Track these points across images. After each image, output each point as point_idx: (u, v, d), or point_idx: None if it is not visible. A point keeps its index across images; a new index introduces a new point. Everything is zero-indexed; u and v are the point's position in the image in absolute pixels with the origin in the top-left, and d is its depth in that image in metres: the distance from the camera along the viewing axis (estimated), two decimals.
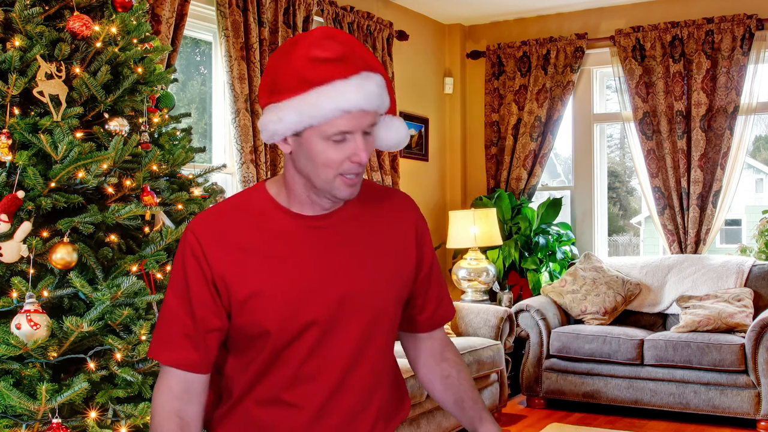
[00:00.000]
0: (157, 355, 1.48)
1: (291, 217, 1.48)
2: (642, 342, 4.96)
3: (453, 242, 5.74)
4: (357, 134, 1.39)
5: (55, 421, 2.04)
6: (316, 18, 5.12)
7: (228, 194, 4.41)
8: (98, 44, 2.43)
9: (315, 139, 1.38)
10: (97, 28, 2.42)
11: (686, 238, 5.70)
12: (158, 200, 2.49)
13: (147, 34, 2.67)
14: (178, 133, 2.80)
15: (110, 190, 2.38)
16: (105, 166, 2.30)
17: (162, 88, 2.85)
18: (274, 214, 1.49)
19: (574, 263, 5.82)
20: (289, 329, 1.46)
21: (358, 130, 1.39)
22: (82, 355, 2.19)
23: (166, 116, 2.76)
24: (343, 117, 1.36)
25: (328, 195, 1.45)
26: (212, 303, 1.45)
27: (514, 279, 6.06)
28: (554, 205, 6.12)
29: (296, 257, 1.47)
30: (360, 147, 1.40)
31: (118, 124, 2.44)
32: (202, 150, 2.96)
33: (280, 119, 1.38)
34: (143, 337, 2.21)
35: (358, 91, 1.36)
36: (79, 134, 2.35)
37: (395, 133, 1.50)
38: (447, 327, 5.02)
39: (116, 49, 2.48)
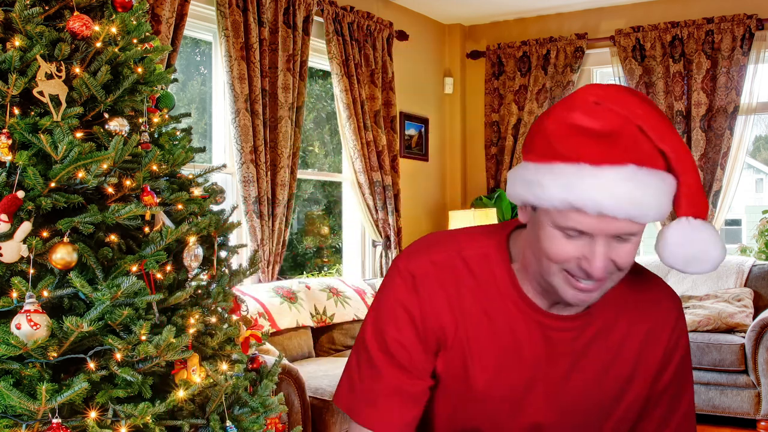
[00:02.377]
0: (357, 414, 1.19)
1: (525, 306, 1.19)
2: None
3: None
4: (599, 238, 1.04)
5: (55, 421, 2.04)
6: (316, 18, 5.12)
7: (228, 194, 4.42)
8: (98, 44, 2.43)
9: (545, 224, 1.07)
10: (97, 28, 2.42)
11: None
12: (158, 200, 2.49)
13: (147, 34, 2.67)
14: (178, 133, 2.80)
15: (110, 190, 2.38)
16: (105, 166, 2.30)
17: (162, 88, 2.85)
18: (507, 292, 1.19)
19: None
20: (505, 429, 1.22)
21: (600, 234, 1.03)
22: (82, 355, 2.19)
23: (166, 116, 2.76)
24: (578, 213, 1.02)
25: (552, 292, 1.14)
26: (423, 353, 1.19)
27: None
28: None
29: (521, 352, 1.20)
30: (596, 255, 1.04)
31: (118, 124, 2.44)
32: (202, 150, 2.96)
33: (514, 181, 1.10)
34: (143, 337, 2.21)
35: (605, 193, 0.99)
36: (79, 134, 2.35)
37: (689, 255, 1.07)
38: None
39: (116, 49, 2.48)
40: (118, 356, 2.19)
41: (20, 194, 2.17)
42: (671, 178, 1.04)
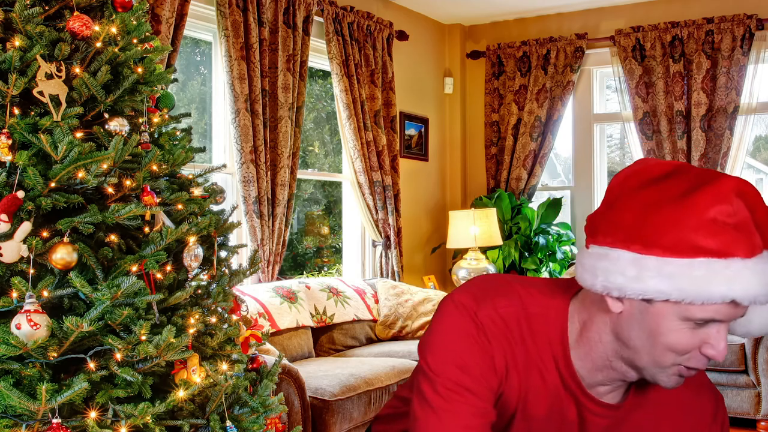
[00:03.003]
0: None
1: (570, 380, 1.19)
2: None
3: (453, 242, 5.74)
4: (724, 324, 1.06)
5: (55, 421, 2.04)
6: (316, 18, 5.12)
7: (228, 194, 4.42)
8: (98, 44, 2.43)
9: (670, 316, 1.06)
10: (97, 28, 2.42)
11: None
12: (158, 200, 2.49)
13: (147, 34, 2.67)
14: (178, 133, 2.80)
15: (110, 190, 2.38)
16: (105, 166, 2.30)
17: (162, 88, 2.85)
18: (556, 360, 1.18)
19: (574, 263, 5.82)
20: None
21: (729, 320, 1.06)
22: (82, 355, 2.19)
23: (166, 116, 2.76)
24: (723, 305, 1.03)
25: (646, 376, 1.13)
26: (490, 391, 1.17)
27: None
28: (554, 205, 6.12)
29: (554, 425, 1.20)
30: (719, 340, 1.06)
31: (118, 124, 2.44)
32: (202, 150, 2.96)
33: (640, 279, 1.04)
34: (143, 337, 2.21)
35: (759, 280, 1.01)
36: (79, 134, 2.35)
37: (763, 318, 1.15)
38: None
39: (116, 49, 2.48)
40: (118, 356, 2.19)
41: (20, 194, 2.17)
42: None
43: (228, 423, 2.46)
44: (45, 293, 2.17)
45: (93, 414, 2.12)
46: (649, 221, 1.04)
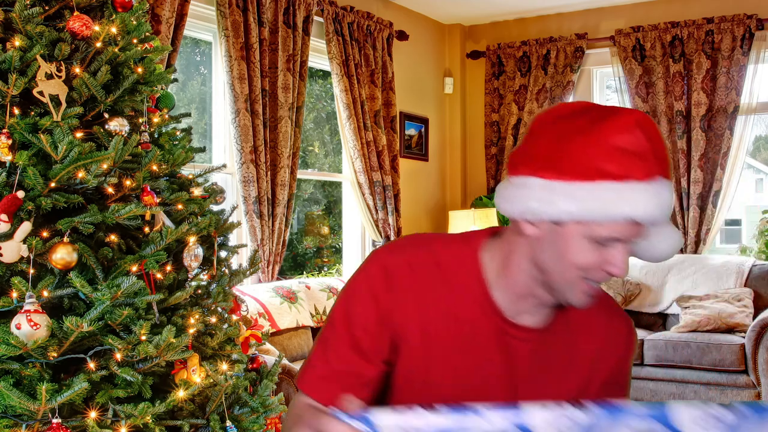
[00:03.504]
0: (312, 390, 1.29)
1: (492, 313, 1.28)
2: (642, 342, 4.96)
3: None
4: (624, 244, 1.18)
5: (55, 421, 2.04)
6: (316, 18, 5.12)
7: (228, 194, 4.42)
8: (98, 44, 2.43)
9: (577, 236, 1.17)
10: (97, 28, 2.42)
11: (686, 238, 5.70)
12: (158, 200, 2.49)
13: (147, 34, 2.67)
14: (178, 133, 2.80)
15: (110, 190, 2.38)
16: (105, 166, 2.30)
17: (162, 88, 2.85)
18: (476, 299, 1.28)
19: None
20: None
21: (629, 240, 1.18)
22: (82, 355, 2.19)
23: (166, 116, 2.76)
24: (625, 224, 1.15)
25: (559, 297, 1.24)
26: (378, 344, 1.27)
27: None
28: None
29: (481, 357, 1.28)
30: (621, 259, 1.18)
31: (118, 124, 2.44)
32: (202, 150, 2.96)
33: (552, 202, 1.16)
34: (143, 337, 2.21)
35: (656, 203, 1.14)
36: (79, 134, 2.35)
37: (666, 245, 1.25)
38: None
39: (116, 49, 2.48)
40: (118, 356, 2.19)
41: (20, 194, 2.17)
42: (671, 185, 1.20)
43: (228, 423, 2.46)
44: (45, 293, 2.17)
45: (93, 414, 2.12)
46: (559, 151, 1.16)
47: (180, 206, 2.59)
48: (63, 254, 2.16)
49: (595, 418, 1.07)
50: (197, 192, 2.73)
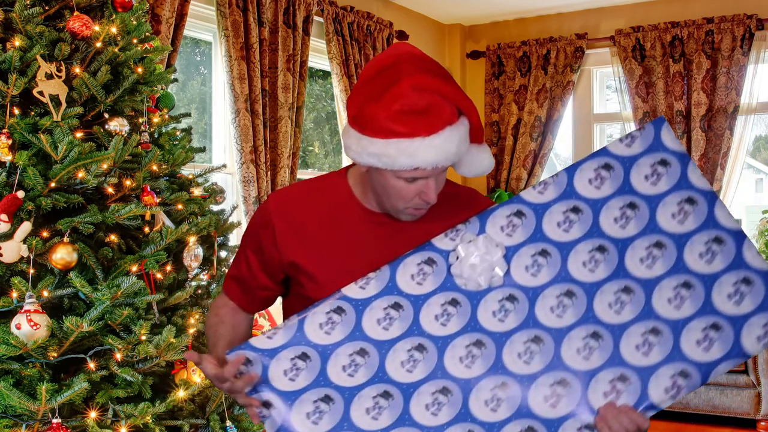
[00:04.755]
0: (224, 286, 1.69)
1: (362, 211, 1.56)
2: None
3: None
4: (431, 179, 1.44)
5: (55, 421, 2.04)
6: (316, 18, 5.12)
7: (228, 194, 4.42)
8: (98, 44, 2.43)
9: (390, 176, 1.44)
10: (97, 28, 2.42)
11: None
12: (158, 200, 2.49)
13: (147, 34, 2.67)
14: (178, 133, 2.80)
15: (110, 190, 2.38)
16: (105, 166, 2.30)
17: (162, 88, 2.85)
18: (348, 205, 1.57)
19: None
20: None
21: (432, 176, 1.44)
22: (82, 355, 2.19)
23: (166, 116, 2.76)
24: (417, 170, 1.41)
25: (395, 216, 1.53)
26: (266, 266, 1.59)
27: None
28: None
29: (359, 248, 1.54)
30: (431, 188, 1.45)
31: (118, 124, 2.44)
32: (202, 150, 2.96)
33: (360, 153, 1.44)
34: (143, 337, 2.21)
35: (437, 152, 1.40)
36: (79, 134, 2.35)
37: (478, 166, 1.54)
38: None
39: (116, 49, 2.48)
40: (118, 356, 2.19)
41: (20, 194, 2.17)
42: (465, 121, 1.46)
43: (228, 423, 2.46)
44: (45, 293, 2.17)
45: (93, 414, 2.12)
46: (363, 110, 1.43)
47: (180, 206, 2.59)
48: (63, 254, 2.17)
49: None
50: (197, 192, 2.73)
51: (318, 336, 1.42)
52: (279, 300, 1.79)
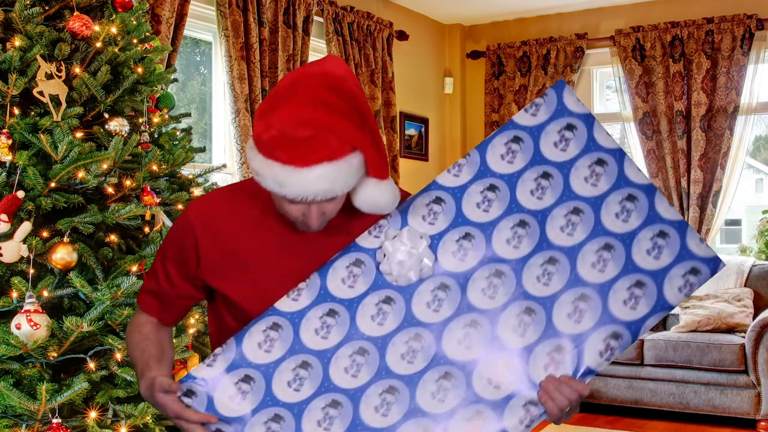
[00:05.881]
0: (139, 300, 1.64)
1: (285, 223, 1.52)
2: (642, 342, 4.96)
3: None
4: (314, 204, 1.39)
5: (55, 421, 2.04)
6: (316, 18, 5.12)
7: None
8: (98, 44, 2.43)
9: (276, 195, 1.40)
10: (97, 28, 2.42)
11: None
12: (158, 200, 2.49)
13: (147, 34, 2.67)
14: (178, 133, 2.80)
15: (110, 190, 2.38)
16: (105, 166, 2.30)
17: (162, 88, 2.85)
18: (272, 210, 1.52)
19: None
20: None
21: (313, 204, 1.39)
22: (82, 355, 2.19)
23: (166, 116, 2.76)
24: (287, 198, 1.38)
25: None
26: (184, 274, 1.55)
27: None
28: None
29: (282, 252, 1.51)
30: (311, 216, 1.41)
31: (118, 124, 2.44)
32: (202, 150, 2.96)
33: (250, 158, 1.40)
34: None
35: (305, 186, 1.34)
36: (79, 134, 2.35)
37: (372, 202, 1.45)
38: None
39: (116, 49, 2.48)
40: (118, 356, 2.19)
41: (20, 194, 2.17)
42: (359, 155, 1.37)
43: None
44: (45, 293, 2.17)
45: (93, 414, 2.12)
46: (256, 126, 1.38)
47: (180, 206, 2.59)
48: (63, 254, 2.17)
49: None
50: (197, 192, 2.73)
51: (258, 356, 1.41)
52: None
